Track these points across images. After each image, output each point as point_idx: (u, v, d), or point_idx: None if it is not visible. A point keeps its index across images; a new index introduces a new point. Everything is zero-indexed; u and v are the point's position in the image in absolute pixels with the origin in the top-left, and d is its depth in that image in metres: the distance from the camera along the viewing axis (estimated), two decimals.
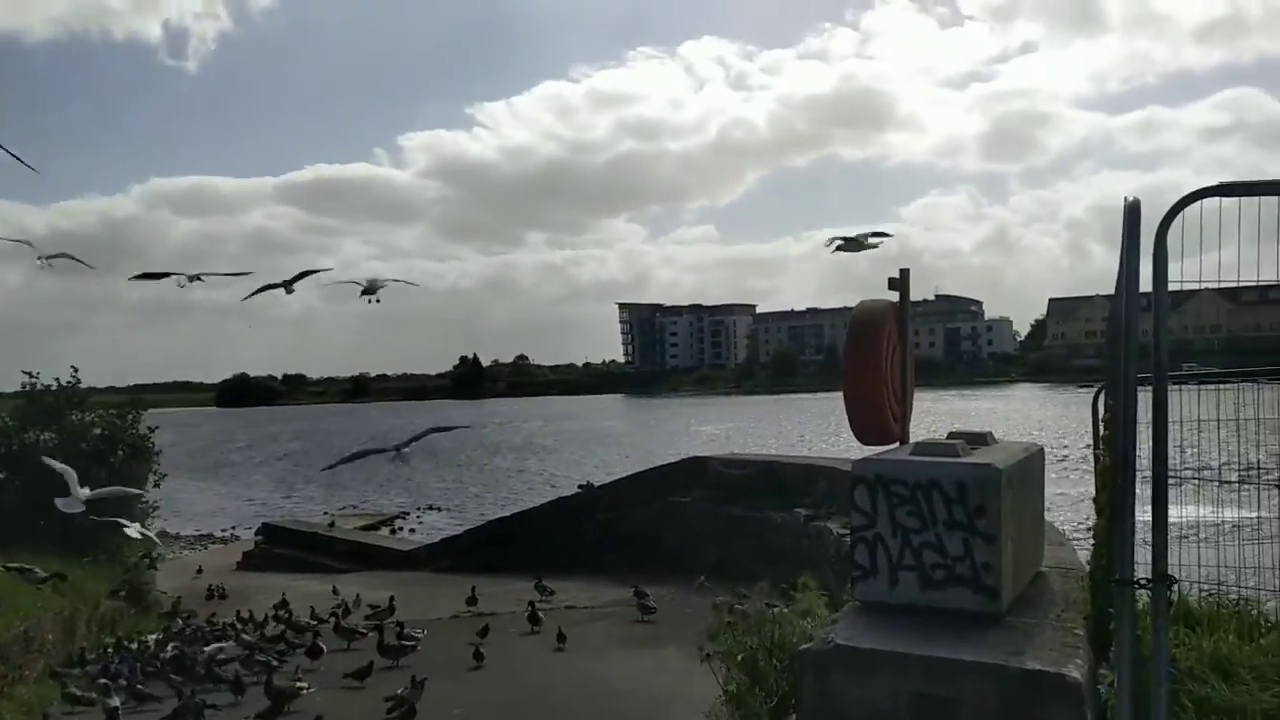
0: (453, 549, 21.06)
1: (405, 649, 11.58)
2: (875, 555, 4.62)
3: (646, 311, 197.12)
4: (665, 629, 11.91)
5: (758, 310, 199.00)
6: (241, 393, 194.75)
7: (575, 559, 18.08)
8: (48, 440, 16.29)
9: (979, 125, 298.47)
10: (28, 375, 17.17)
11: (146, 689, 10.62)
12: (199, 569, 22.11)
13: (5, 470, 15.87)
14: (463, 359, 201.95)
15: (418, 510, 37.99)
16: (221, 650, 12.24)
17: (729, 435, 64.79)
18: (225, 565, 23.80)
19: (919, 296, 6.62)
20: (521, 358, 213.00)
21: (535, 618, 12.81)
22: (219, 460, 68.76)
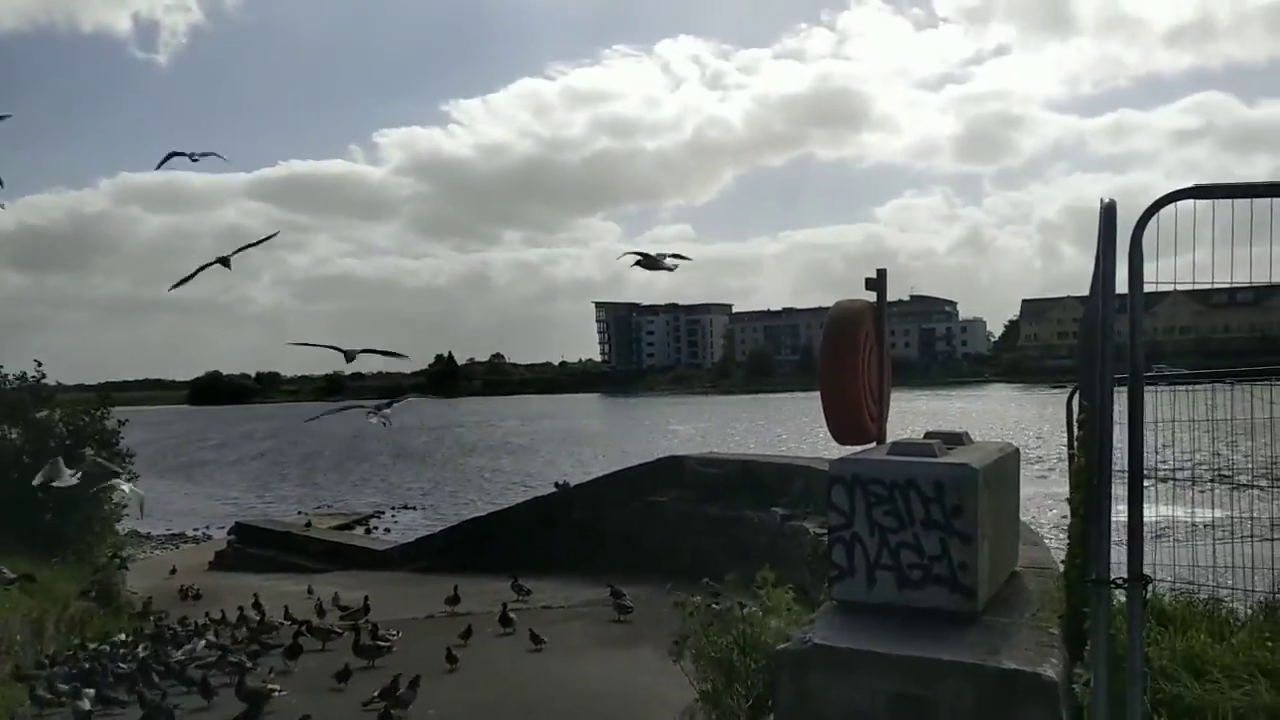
0: (428, 549, 20.96)
1: (380, 650, 11.50)
2: (853, 555, 4.62)
3: (623, 310, 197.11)
4: (642, 629, 11.89)
5: (734, 310, 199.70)
6: (214, 391, 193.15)
7: (552, 559, 18.03)
8: (14, 438, 16.06)
9: (953, 127, 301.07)
10: None
11: (114, 693, 10.42)
12: (172, 569, 21.89)
13: None
14: (438, 357, 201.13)
15: (393, 510, 37.78)
16: (194, 652, 12.11)
17: (705, 434, 64.90)
18: (197, 565, 23.57)
19: (894, 297, 6.64)
20: (497, 356, 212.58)
21: (506, 619, 12.71)
22: (191, 459, 68.10)
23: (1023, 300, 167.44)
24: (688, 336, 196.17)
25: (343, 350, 7.52)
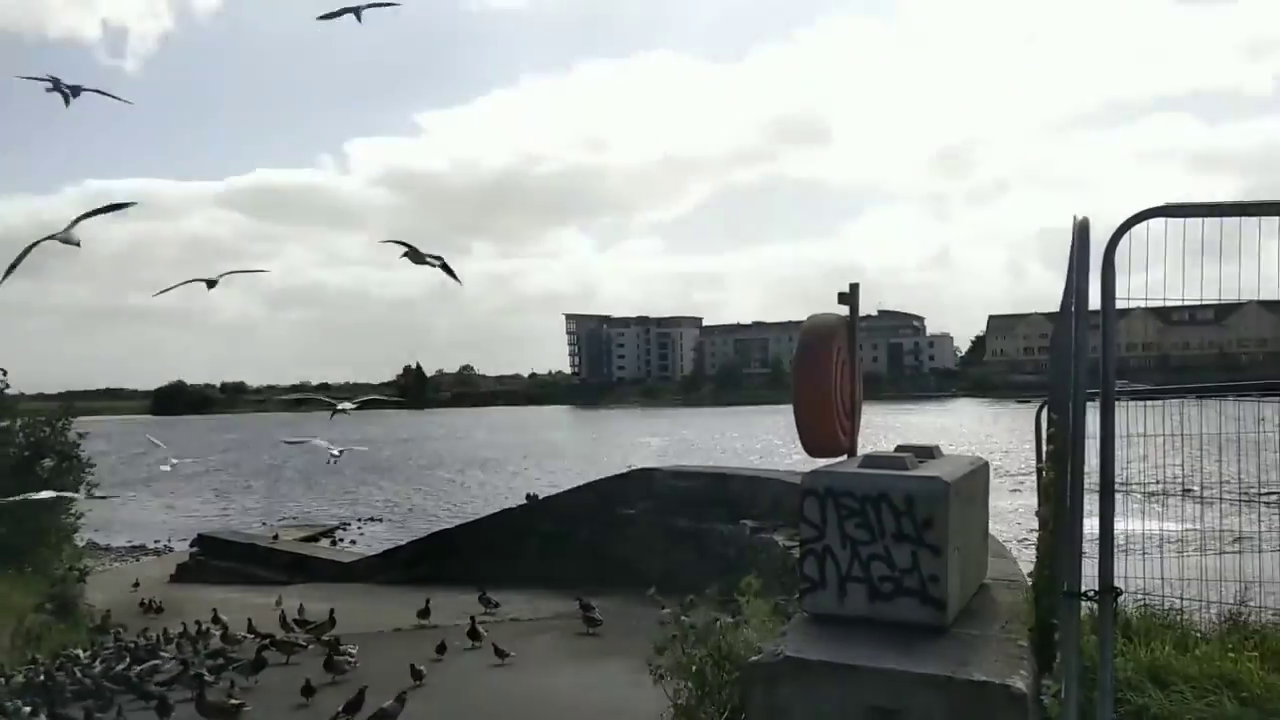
0: (394, 561, 20.78)
1: (346, 666, 11.33)
2: (824, 567, 4.64)
3: (593, 323, 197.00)
4: (611, 641, 11.85)
5: (704, 323, 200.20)
6: (177, 401, 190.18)
7: (521, 571, 17.94)
8: None
9: (924, 144, 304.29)
10: None
11: (68, 711, 10.07)
12: (136, 582, 21.48)
13: None
14: (406, 368, 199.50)
15: (359, 521, 37.39)
16: (155, 667, 11.87)
17: (675, 447, 64.92)
18: (158, 578, 23.18)
19: (863, 312, 6.69)
20: (467, 368, 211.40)
21: (475, 632, 12.58)
22: (152, 470, 66.99)
23: (989, 316, 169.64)
24: (658, 349, 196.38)
25: (204, 280, 7.42)
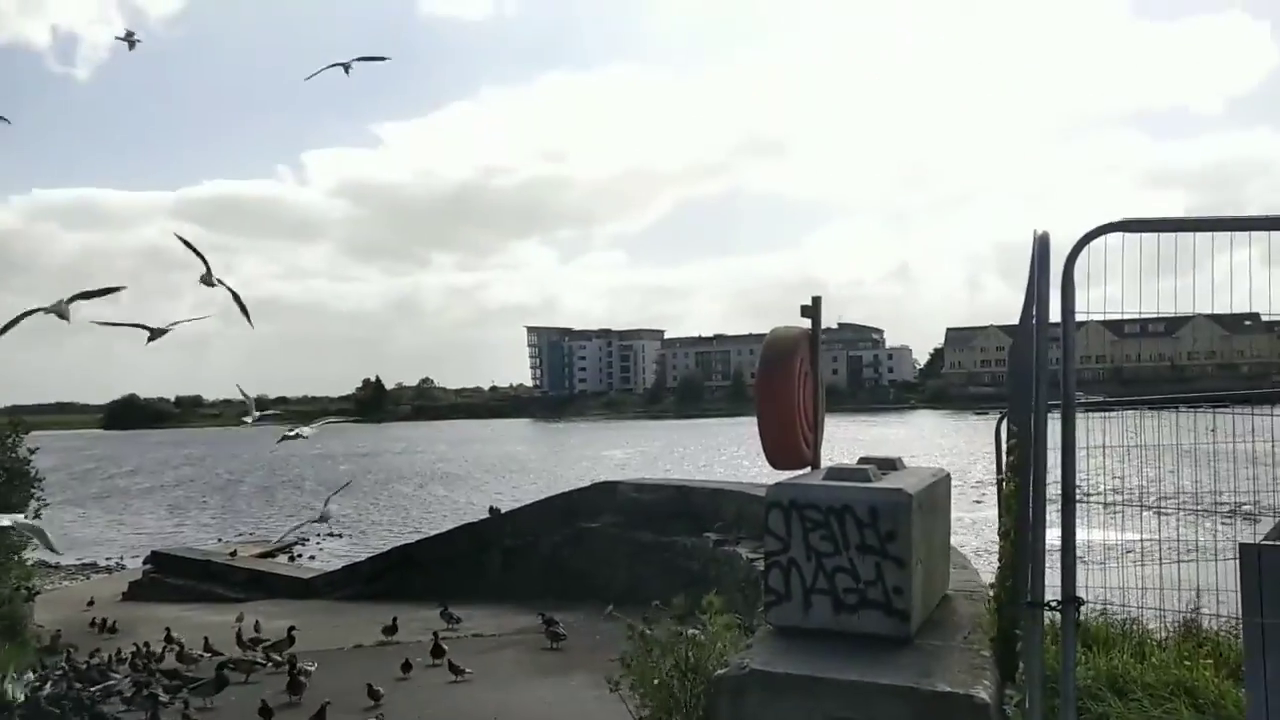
0: (355, 576, 20.49)
1: (303, 684, 11.10)
2: (789, 580, 4.65)
3: (555, 335, 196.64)
4: (575, 656, 11.77)
5: (666, 336, 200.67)
6: (131, 415, 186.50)
7: (483, 586, 17.79)
8: None
9: (883, 157, 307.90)
10: None
11: None
12: (90, 601, 20.95)
13: None
14: (365, 382, 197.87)
15: (318, 537, 36.85)
16: (108, 688, 11.57)
17: (638, 460, 64.87)
18: (110, 596, 22.63)
19: (823, 325, 6.74)
20: (426, 381, 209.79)
21: (438, 649, 12.37)
22: (104, 486, 65.63)
23: (947, 329, 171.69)
24: (620, 362, 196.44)
25: (148, 329, 7.29)
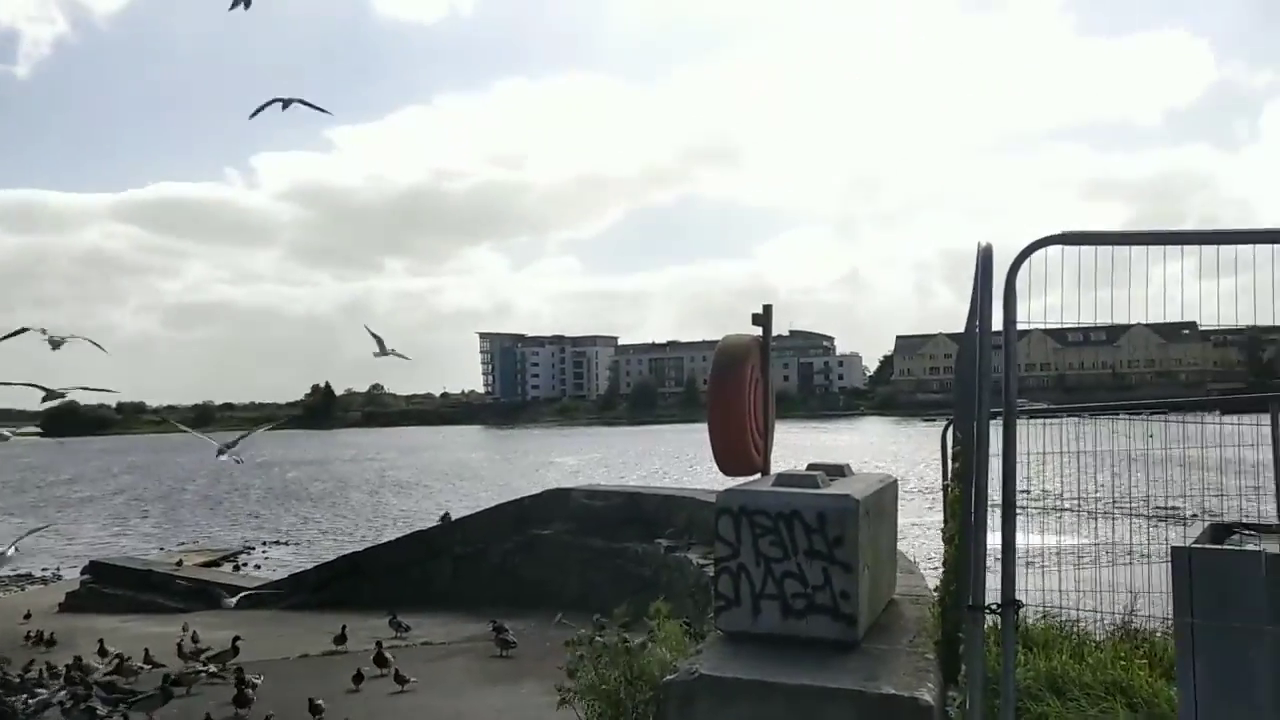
0: (300, 586, 20.17)
1: (250, 697, 10.88)
2: (739, 585, 4.70)
3: (508, 341, 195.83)
4: (525, 664, 11.72)
5: (620, 342, 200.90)
6: (69, 421, 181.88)
7: (433, 594, 17.62)
8: None
9: (834, 167, 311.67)
10: None
11: None
12: (26, 614, 20.33)
13: None
14: (315, 388, 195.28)
15: (264, 545, 36.24)
16: (44, 702, 11.25)
17: (590, 466, 64.77)
18: (46, 607, 22.01)
19: (775, 332, 6.82)
20: (377, 387, 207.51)
21: (382, 659, 12.13)
22: (41, 494, 63.90)
23: (896, 336, 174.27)
24: (573, 368, 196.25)
25: (44, 389, 7.07)
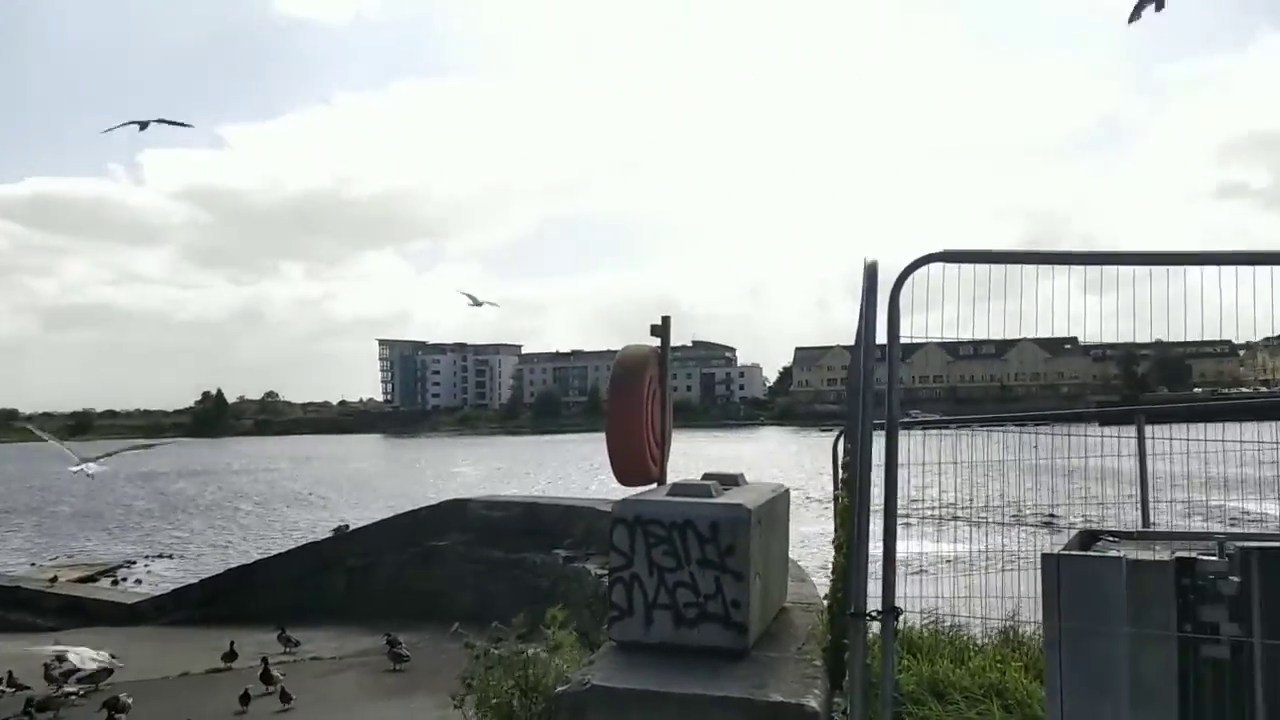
0: (184, 601, 19.37)
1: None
2: (632, 595, 4.72)
3: (408, 349, 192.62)
4: (418, 677, 11.51)
5: (523, 350, 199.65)
6: None
7: (326, 607, 17.18)
8: None
9: (737, 178, 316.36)
10: None
11: None
12: None
13: None
14: (205, 394, 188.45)
15: (145, 559, 34.67)
16: None
17: (491, 477, 64.10)
18: None
19: (678, 342, 6.90)
20: (271, 394, 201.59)
21: (268, 676, 11.68)
22: None
23: (796, 348, 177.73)
24: (475, 377, 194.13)
25: None
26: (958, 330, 3.87)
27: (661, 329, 6.73)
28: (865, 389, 3.61)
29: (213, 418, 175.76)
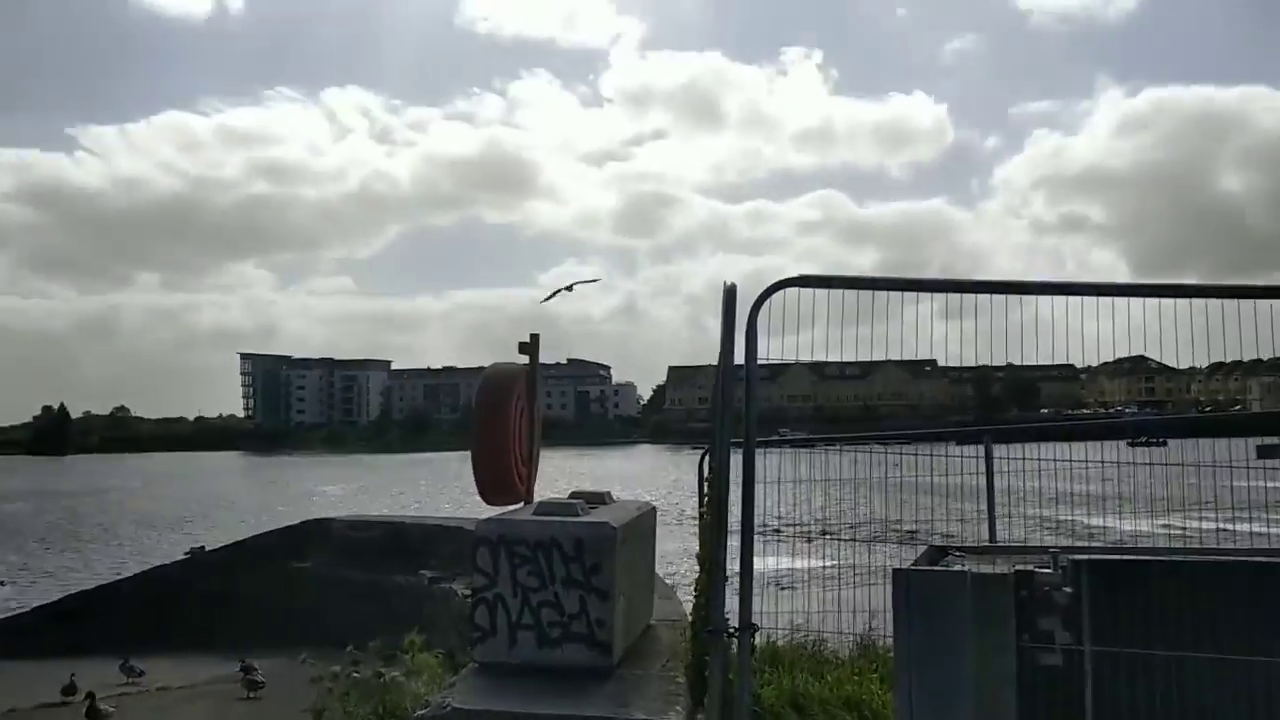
0: (14, 629, 18.08)
1: None
2: (495, 615, 4.66)
3: (272, 363, 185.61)
4: (272, 706, 11.05)
5: (393, 366, 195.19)
6: None
7: (179, 634, 16.29)
8: None
9: (613, 201, 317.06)
10: None
11: None
12: None
13: None
14: (45, 409, 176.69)
15: None
16: None
17: (357, 496, 62.26)
18: None
19: (553, 360, 6.88)
20: (121, 409, 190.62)
21: (95, 711, 10.73)
22: None
23: (669, 367, 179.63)
24: (343, 393, 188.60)
25: None
26: (827, 351, 3.99)
27: (531, 346, 6.68)
28: (725, 409, 3.67)
29: (54, 434, 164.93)
